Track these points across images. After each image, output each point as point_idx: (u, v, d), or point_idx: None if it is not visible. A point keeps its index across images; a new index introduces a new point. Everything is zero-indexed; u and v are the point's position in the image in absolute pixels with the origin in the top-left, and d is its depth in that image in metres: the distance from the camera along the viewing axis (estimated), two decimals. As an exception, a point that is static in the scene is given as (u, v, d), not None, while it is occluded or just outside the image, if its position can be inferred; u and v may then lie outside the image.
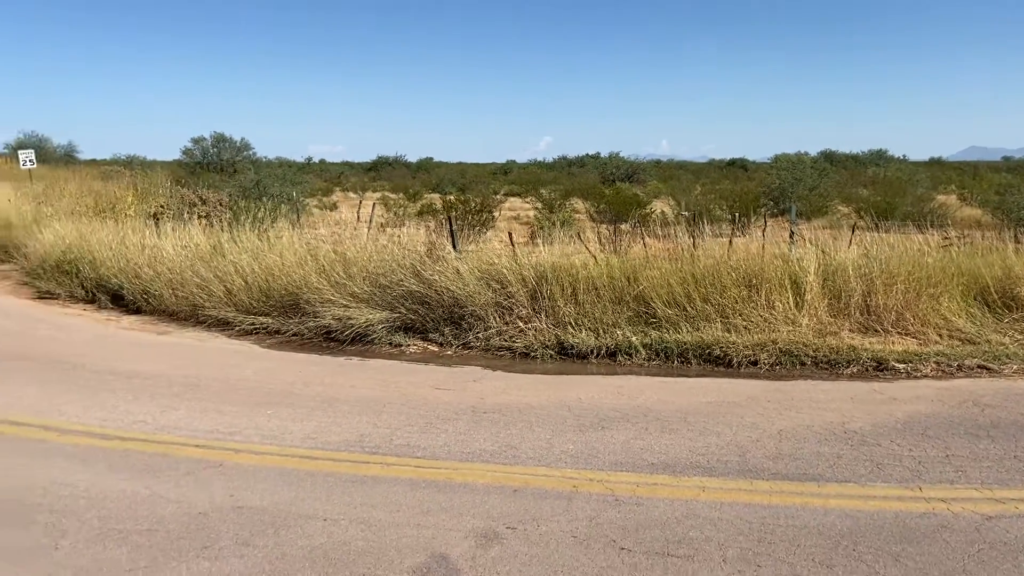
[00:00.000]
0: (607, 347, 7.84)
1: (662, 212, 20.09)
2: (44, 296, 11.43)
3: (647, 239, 9.80)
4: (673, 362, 7.62)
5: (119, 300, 10.71)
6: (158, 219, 13.73)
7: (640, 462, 5.00)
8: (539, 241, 9.85)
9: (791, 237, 9.65)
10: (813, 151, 56.73)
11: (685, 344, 7.67)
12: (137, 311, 10.37)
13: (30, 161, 26.91)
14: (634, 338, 7.81)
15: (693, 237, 9.35)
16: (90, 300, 11.05)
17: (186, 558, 3.76)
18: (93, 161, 59.34)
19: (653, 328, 7.96)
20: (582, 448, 5.26)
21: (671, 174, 50.85)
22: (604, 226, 17.16)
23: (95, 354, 8.00)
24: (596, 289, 8.28)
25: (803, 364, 7.33)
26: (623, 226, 15.33)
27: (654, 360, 7.67)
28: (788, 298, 8.04)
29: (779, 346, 7.48)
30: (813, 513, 4.20)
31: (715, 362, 7.55)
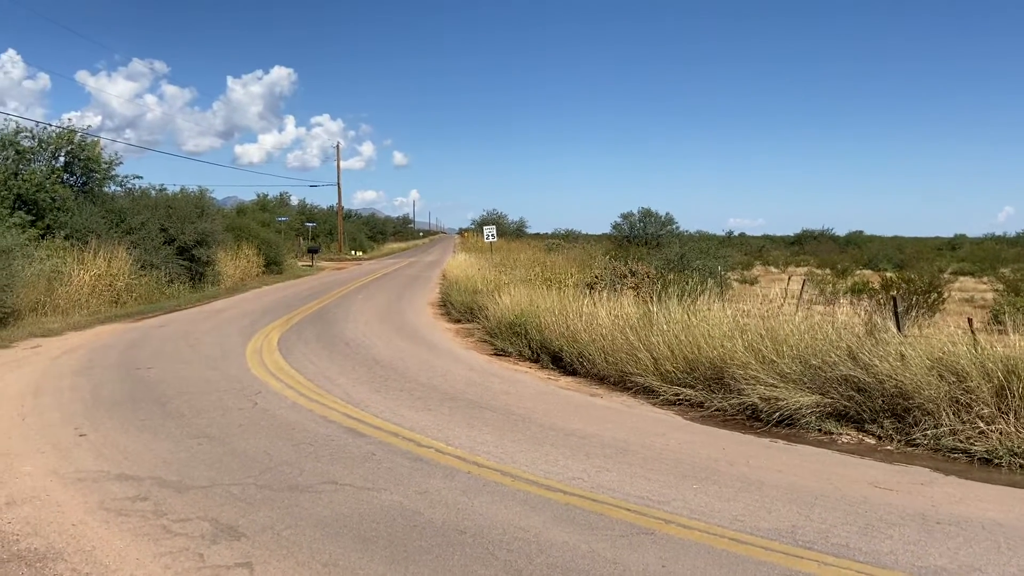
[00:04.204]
0: (1105, 464, 6.36)
1: None
2: (499, 353, 13.14)
3: None
4: None
5: (558, 361, 11.84)
6: (593, 288, 15.00)
7: None
8: (1005, 328, 8.45)
9: None
10: None
11: None
12: (572, 372, 11.34)
13: (492, 235, 31.74)
14: None
15: None
16: (534, 359, 12.40)
17: (622, 620, 3.91)
18: (538, 235, 67.75)
19: None
20: (1075, 588, 4.29)
21: None
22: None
23: (539, 409, 8.92)
24: (1090, 391, 6.80)
25: None
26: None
27: None
28: None
29: None
30: None
31: None
